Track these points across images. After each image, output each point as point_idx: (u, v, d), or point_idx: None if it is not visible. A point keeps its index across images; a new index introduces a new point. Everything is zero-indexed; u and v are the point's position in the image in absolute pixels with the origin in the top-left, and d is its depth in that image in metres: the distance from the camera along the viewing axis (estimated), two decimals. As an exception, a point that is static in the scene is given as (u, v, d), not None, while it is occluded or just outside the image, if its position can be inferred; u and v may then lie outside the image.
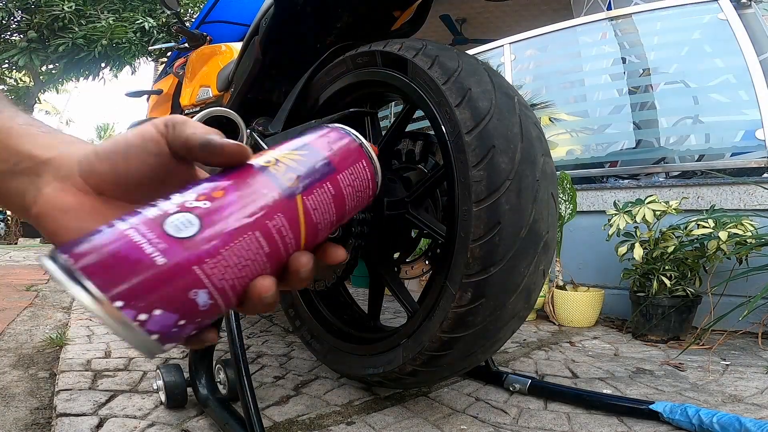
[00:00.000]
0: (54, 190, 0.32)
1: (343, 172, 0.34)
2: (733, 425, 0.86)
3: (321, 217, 0.32)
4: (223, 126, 0.99)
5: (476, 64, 0.85)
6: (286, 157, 0.32)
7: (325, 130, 0.36)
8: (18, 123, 0.35)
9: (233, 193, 0.28)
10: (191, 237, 0.25)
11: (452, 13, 5.52)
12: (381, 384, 1.04)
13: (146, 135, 0.32)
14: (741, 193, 1.86)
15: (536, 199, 0.78)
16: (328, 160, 0.34)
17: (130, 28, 7.40)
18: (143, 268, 0.23)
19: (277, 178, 0.30)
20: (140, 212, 0.26)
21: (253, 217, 0.28)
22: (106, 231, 0.24)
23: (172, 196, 0.27)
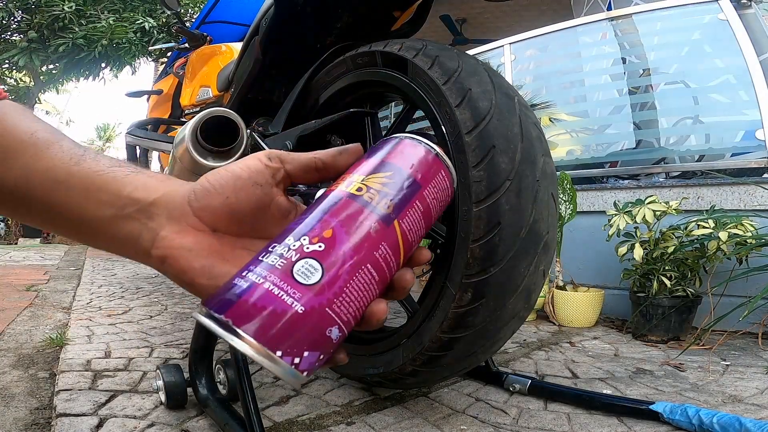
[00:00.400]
0: (171, 233, 0.34)
1: (428, 187, 0.36)
2: (733, 425, 0.86)
3: (414, 235, 0.35)
4: (222, 126, 0.99)
5: (476, 65, 0.85)
6: (373, 182, 0.34)
7: (399, 143, 0.37)
8: (105, 165, 0.36)
9: (341, 230, 0.31)
10: (319, 282, 0.29)
11: (452, 14, 5.52)
12: (381, 384, 1.04)
13: (252, 167, 0.35)
14: (741, 194, 1.86)
15: (536, 200, 0.78)
16: (413, 178, 0.35)
17: (130, 29, 7.40)
18: (290, 319, 0.28)
19: (374, 207, 0.33)
20: (265, 261, 0.30)
21: (363, 252, 0.31)
22: (245, 284, 0.28)
23: (287, 239, 0.31)
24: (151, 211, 0.34)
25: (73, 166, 0.36)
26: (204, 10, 2.68)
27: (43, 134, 0.37)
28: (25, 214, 0.38)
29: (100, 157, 0.37)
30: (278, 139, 1.09)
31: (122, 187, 0.35)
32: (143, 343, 1.50)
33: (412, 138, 0.37)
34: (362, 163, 0.36)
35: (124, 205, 0.35)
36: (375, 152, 0.37)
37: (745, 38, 2.05)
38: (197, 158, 0.98)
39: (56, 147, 0.36)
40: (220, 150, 1.00)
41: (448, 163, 0.38)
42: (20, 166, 0.36)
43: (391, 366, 0.93)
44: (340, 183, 0.35)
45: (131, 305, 2.10)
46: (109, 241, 0.37)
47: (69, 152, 0.36)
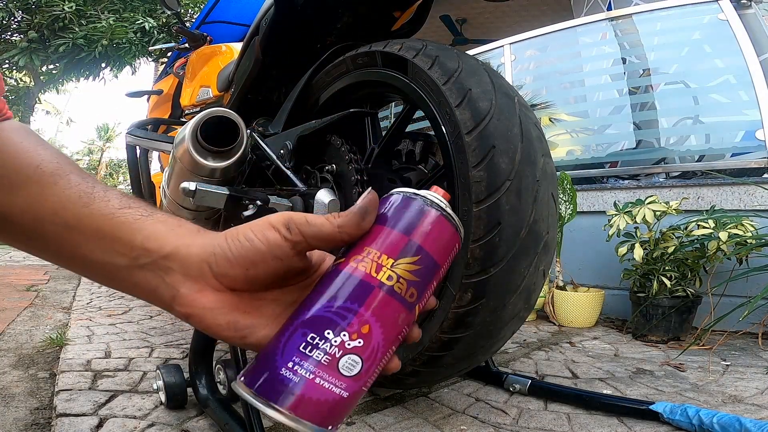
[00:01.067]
0: (192, 292, 0.36)
1: (446, 263, 0.39)
2: (733, 426, 0.86)
3: (426, 303, 0.39)
4: (222, 126, 0.99)
5: (476, 65, 0.85)
6: (402, 269, 0.36)
7: (425, 215, 0.38)
8: (115, 207, 0.36)
9: (376, 325, 0.35)
10: (359, 372, 0.34)
11: (452, 14, 5.52)
12: (381, 384, 1.04)
13: (272, 241, 0.35)
14: (741, 194, 1.86)
15: (536, 200, 0.78)
16: (437, 262, 0.38)
17: (130, 29, 7.40)
18: (339, 404, 0.33)
19: (402, 297, 0.36)
20: (312, 357, 0.33)
21: (392, 339, 0.36)
22: (296, 379, 0.33)
23: (326, 332, 0.34)
24: (166, 265, 0.36)
25: (83, 208, 0.36)
26: (204, 11, 2.67)
27: (48, 166, 0.36)
28: (40, 252, 0.38)
29: (110, 193, 0.37)
30: (278, 140, 1.09)
31: (133, 235, 0.36)
32: (143, 343, 1.50)
33: (439, 209, 0.38)
34: (387, 235, 0.37)
35: (137, 256, 0.36)
36: (397, 218, 0.37)
37: (745, 38, 2.05)
38: (197, 158, 0.98)
39: (63, 183, 0.36)
40: (220, 150, 1.00)
41: (459, 227, 0.39)
42: (25, 201, 0.35)
43: (391, 366, 0.92)
44: (365, 259, 0.36)
45: (131, 305, 2.10)
46: (127, 288, 0.38)
47: (77, 190, 0.36)
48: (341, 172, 0.96)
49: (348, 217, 0.36)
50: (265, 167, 1.09)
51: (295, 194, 0.95)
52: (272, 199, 0.91)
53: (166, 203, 1.21)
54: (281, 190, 1.00)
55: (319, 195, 0.91)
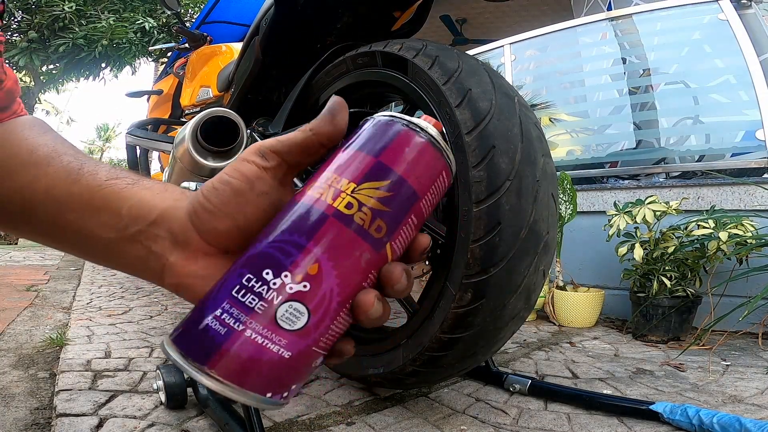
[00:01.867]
0: (180, 259, 0.32)
1: (426, 195, 0.31)
2: (733, 426, 0.86)
3: (404, 245, 0.31)
4: (222, 126, 0.99)
5: (476, 65, 0.85)
6: (366, 196, 0.29)
7: (399, 133, 0.31)
8: (102, 178, 0.35)
9: (327, 265, 0.27)
10: (305, 326, 0.27)
11: (452, 14, 5.52)
12: (381, 384, 1.04)
13: (250, 174, 0.32)
14: (741, 194, 1.86)
15: (536, 200, 0.78)
16: (413, 188, 0.30)
17: (130, 29, 7.41)
18: (278, 365, 0.26)
19: (365, 232, 0.28)
20: (242, 301, 0.26)
21: (351, 286, 0.28)
22: (222, 330, 0.26)
23: (264, 272, 0.27)
24: (154, 233, 0.33)
25: (72, 184, 0.34)
26: (204, 11, 2.68)
27: (44, 150, 0.36)
28: (33, 234, 0.37)
29: (100, 167, 0.36)
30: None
31: (120, 203, 0.34)
32: (143, 343, 1.50)
33: (413, 126, 0.31)
34: (349, 153, 0.30)
35: (125, 226, 0.33)
36: (366, 140, 0.31)
37: (745, 38, 2.05)
38: (197, 158, 0.98)
39: (56, 163, 0.35)
40: (220, 150, 1.00)
41: (450, 157, 0.33)
42: (19, 184, 0.35)
43: (391, 366, 0.93)
44: (321, 185, 0.29)
45: (131, 305, 2.10)
46: (118, 263, 0.36)
47: (67, 168, 0.35)
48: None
49: (318, 119, 0.33)
50: (265, 167, 1.08)
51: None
52: (272, 199, 0.91)
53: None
54: (281, 190, 1.00)
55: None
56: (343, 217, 0.28)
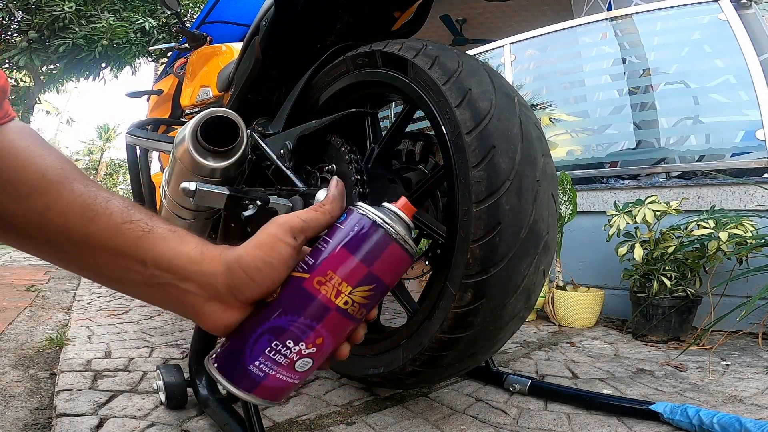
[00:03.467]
0: (216, 311, 0.41)
1: (395, 282, 0.45)
2: (733, 426, 0.86)
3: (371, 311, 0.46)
4: (222, 126, 0.99)
5: (476, 65, 0.85)
6: (359, 296, 0.42)
7: (388, 246, 0.43)
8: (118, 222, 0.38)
9: (328, 337, 0.42)
10: (310, 368, 0.44)
11: (452, 14, 5.52)
12: (381, 384, 1.04)
13: (286, 256, 0.41)
14: (741, 194, 1.86)
15: (536, 200, 0.77)
16: (388, 285, 0.44)
17: (130, 29, 7.40)
18: (290, 387, 0.44)
19: (354, 317, 0.43)
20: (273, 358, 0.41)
21: (338, 345, 0.45)
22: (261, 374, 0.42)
23: (288, 342, 0.41)
24: (184, 288, 0.39)
25: (88, 224, 0.37)
26: (204, 11, 2.67)
27: (53, 174, 0.37)
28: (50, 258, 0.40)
29: (111, 205, 0.38)
30: (278, 140, 1.09)
31: (141, 254, 0.38)
32: (143, 343, 1.50)
33: (397, 239, 0.43)
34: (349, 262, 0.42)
35: (151, 275, 0.39)
36: (360, 248, 0.42)
37: (745, 38, 2.05)
38: (197, 158, 0.98)
39: (67, 194, 0.37)
40: (220, 150, 1.00)
41: (413, 254, 0.45)
42: (31, 210, 0.36)
43: (391, 366, 0.93)
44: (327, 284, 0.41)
45: (131, 305, 2.10)
46: (147, 299, 0.42)
47: (81, 202, 0.37)
48: (341, 172, 0.96)
49: (332, 202, 0.43)
50: (265, 167, 1.08)
51: (295, 194, 0.95)
52: (272, 199, 0.91)
53: (167, 203, 1.21)
54: (281, 190, 1.00)
55: (319, 195, 0.91)
56: (342, 310, 0.42)
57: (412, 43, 0.91)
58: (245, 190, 0.92)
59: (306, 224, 0.41)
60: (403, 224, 0.44)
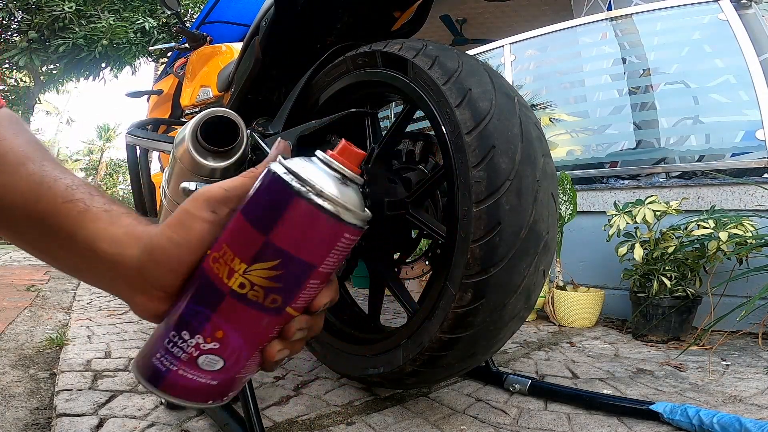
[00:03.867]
0: (145, 300, 0.36)
1: (327, 259, 0.32)
2: (733, 426, 0.86)
3: (309, 300, 0.34)
4: (223, 126, 0.99)
5: (476, 65, 0.85)
6: (256, 277, 0.31)
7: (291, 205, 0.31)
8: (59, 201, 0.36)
9: (230, 330, 0.33)
10: (223, 367, 0.34)
11: (452, 14, 5.52)
12: (381, 384, 1.04)
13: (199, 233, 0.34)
14: (741, 194, 1.86)
15: (536, 200, 0.78)
16: (306, 262, 0.32)
17: (130, 29, 7.40)
18: (208, 389, 0.35)
19: (263, 306, 0.32)
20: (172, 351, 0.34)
21: (257, 340, 0.34)
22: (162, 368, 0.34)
23: (183, 333, 0.34)
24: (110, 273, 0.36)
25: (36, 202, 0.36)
26: (204, 11, 2.67)
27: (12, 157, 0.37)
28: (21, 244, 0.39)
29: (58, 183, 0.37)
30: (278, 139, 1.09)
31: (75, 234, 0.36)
32: (143, 343, 1.50)
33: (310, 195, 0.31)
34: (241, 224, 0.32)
35: (83, 258, 0.36)
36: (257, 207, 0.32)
37: (745, 38, 2.05)
38: (197, 158, 0.98)
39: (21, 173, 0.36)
40: (220, 150, 1.00)
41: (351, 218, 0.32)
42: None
43: (391, 366, 0.93)
44: (219, 259, 0.32)
45: (131, 305, 2.09)
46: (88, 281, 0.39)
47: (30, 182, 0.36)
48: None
49: (265, 161, 0.35)
50: (265, 167, 1.08)
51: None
52: (272, 199, 0.91)
53: (167, 203, 1.21)
54: (281, 190, 1.00)
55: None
56: (238, 295, 0.32)
57: (412, 43, 0.91)
58: (245, 190, 0.91)
59: (228, 193, 0.33)
60: (329, 176, 0.32)
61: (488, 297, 0.78)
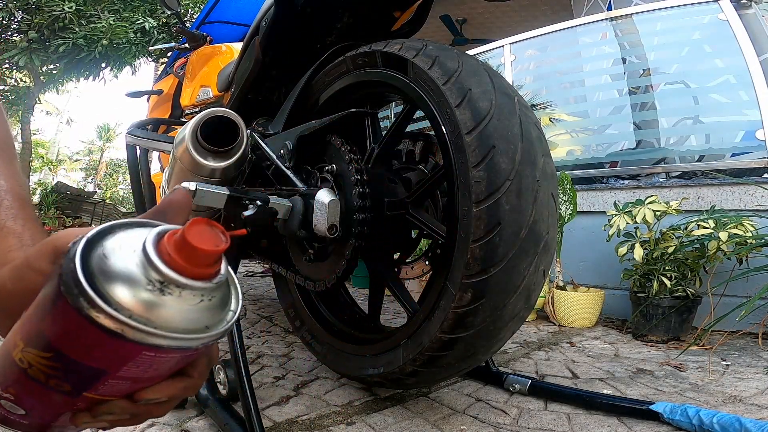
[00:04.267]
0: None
1: (123, 369, 0.26)
2: (733, 426, 0.86)
3: (129, 390, 0.29)
4: (223, 126, 0.99)
5: (476, 65, 0.85)
6: (36, 361, 0.26)
7: (56, 305, 0.24)
8: None
9: (24, 396, 0.29)
10: (27, 416, 0.30)
11: (452, 14, 5.52)
12: (381, 384, 1.04)
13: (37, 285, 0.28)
14: (741, 194, 1.86)
15: (536, 200, 0.77)
16: (91, 367, 0.25)
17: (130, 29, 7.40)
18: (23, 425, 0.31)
19: (48, 385, 0.27)
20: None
21: (55, 413, 0.30)
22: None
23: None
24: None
25: None
26: (204, 11, 2.67)
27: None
28: None
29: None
30: (278, 140, 1.09)
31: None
32: (143, 343, 1.50)
33: (77, 308, 0.23)
34: (29, 309, 0.28)
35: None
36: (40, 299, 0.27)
37: (745, 38, 2.05)
38: (197, 158, 0.98)
39: None
40: (220, 150, 1.00)
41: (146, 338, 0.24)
42: None
43: (391, 366, 0.93)
44: (14, 326, 0.29)
45: (131, 305, 2.09)
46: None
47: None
48: (341, 172, 0.96)
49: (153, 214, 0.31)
50: (265, 167, 1.08)
51: (295, 194, 0.95)
52: (272, 199, 0.91)
53: (166, 203, 1.21)
54: (281, 190, 1.00)
55: (319, 195, 0.91)
56: (19, 367, 0.27)
57: (412, 43, 0.91)
58: (245, 190, 0.92)
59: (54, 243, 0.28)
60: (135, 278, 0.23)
61: (488, 297, 0.78)
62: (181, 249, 0.23)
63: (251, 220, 0.87)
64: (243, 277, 2.98)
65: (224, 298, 0.27)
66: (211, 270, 0.25)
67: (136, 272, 0.23)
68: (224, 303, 0.27)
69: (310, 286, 1.07)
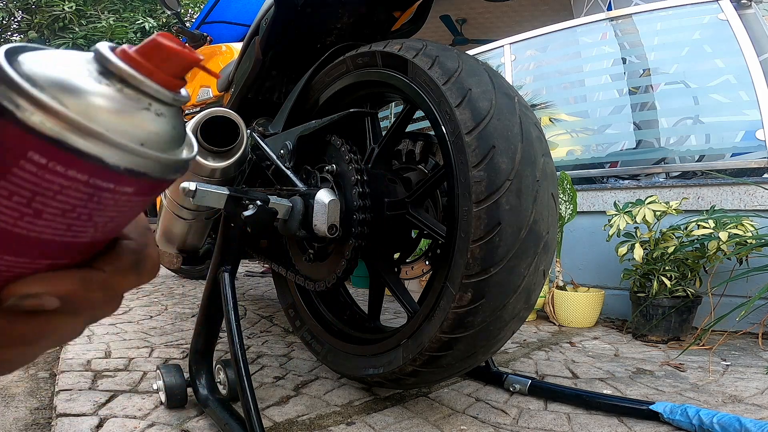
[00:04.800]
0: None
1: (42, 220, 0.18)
2: (733, 426, 0.86)
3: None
4: (223, 126, 0.99)
5: (476, 65, 0.85)
6: None
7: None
8: None
9: None
10: None
11: (452, 14, 5.52)
12: (381, 384, 1.04)
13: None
14: (741, 194, 1.86)
15: (536, 200, 0.78)
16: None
17: (130, 29, 7.40)
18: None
19: None
20: None
21: None
22: None
23: None
24: None
25: None
26: (204, 11, 2.67)
27: None
28: None
29: None
30: (278, 140, 1.09)
31: None
32: (143, 343, 1.50)
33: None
34: None
35: None
36: None
37: (745, 38, 2.05)
38: (197, 158, 0.98)
39: None
40: (221, 150, 1.00)
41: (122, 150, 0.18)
42: None
43: (391, 366, 0.93)
44: None
45: (131, 305, 2.10)
46: None
47: None
48: (341, 172, 0.96)
49: None
50: (265, 167, 1.09)
51: (295, 194, 0.95)
52: (272, 200, 0.91)
53: (167, 203, 1.21)
54: (281, 190, 1.00)
55: (319, 195, 0.91)
56: None
57: (412, 43, 0.91)
58: (245, 190, 0.92)
59: None
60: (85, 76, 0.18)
61: (488, 297, 0.78)
62: (150, 52, 0.19)
63: (251, 220, 0.87)
64: (243, 277, 2.98)
65: (180, 132, 0.21)
66: (178, 82, 0.21)
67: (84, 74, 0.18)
68: (179, 138, 0.21)
69: (310, 286, 1.07)
